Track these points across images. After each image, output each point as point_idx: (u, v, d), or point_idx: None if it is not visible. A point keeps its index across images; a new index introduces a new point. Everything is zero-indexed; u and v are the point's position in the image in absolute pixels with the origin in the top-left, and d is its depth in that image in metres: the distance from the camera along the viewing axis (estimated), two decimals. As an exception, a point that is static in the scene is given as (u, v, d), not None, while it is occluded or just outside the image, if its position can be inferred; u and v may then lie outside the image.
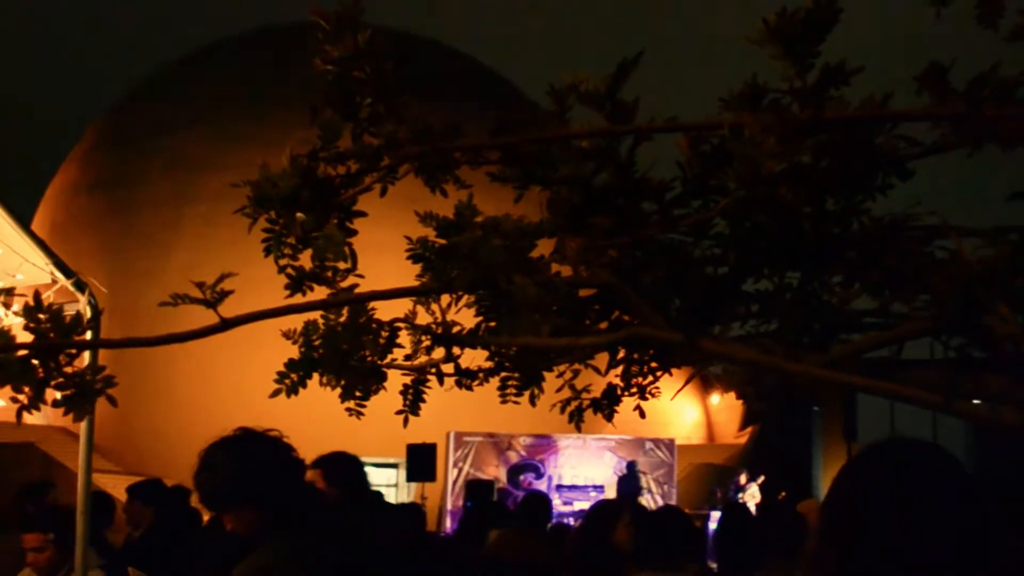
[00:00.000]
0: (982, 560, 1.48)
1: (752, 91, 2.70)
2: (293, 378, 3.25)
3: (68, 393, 2.26)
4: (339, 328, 3.18)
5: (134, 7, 52.18)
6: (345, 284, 2.81)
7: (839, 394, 20.75)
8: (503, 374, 3.07)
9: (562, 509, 16.86)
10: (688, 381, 3.37)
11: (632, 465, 17.53)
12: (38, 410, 2.27)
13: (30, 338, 2.40)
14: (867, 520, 1.54)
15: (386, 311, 3.21)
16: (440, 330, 2.81)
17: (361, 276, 2.76)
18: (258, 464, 3.10)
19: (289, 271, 2.91)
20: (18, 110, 47.58)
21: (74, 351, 2.24)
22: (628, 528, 5.21)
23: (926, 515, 1.50)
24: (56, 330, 2.21)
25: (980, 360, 2.26)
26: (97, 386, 2.26)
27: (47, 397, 2.37)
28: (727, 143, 2.65)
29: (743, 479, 17.32)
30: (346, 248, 2.80)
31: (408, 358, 3.27)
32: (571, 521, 14.81)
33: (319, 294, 3.04)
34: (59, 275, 5.94)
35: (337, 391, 3.30)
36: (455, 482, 17.77)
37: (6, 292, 2.63)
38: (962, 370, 2.20)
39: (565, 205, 2.93)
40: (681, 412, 24.57)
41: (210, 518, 4.14)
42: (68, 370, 2.24)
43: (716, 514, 14.32)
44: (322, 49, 2.81)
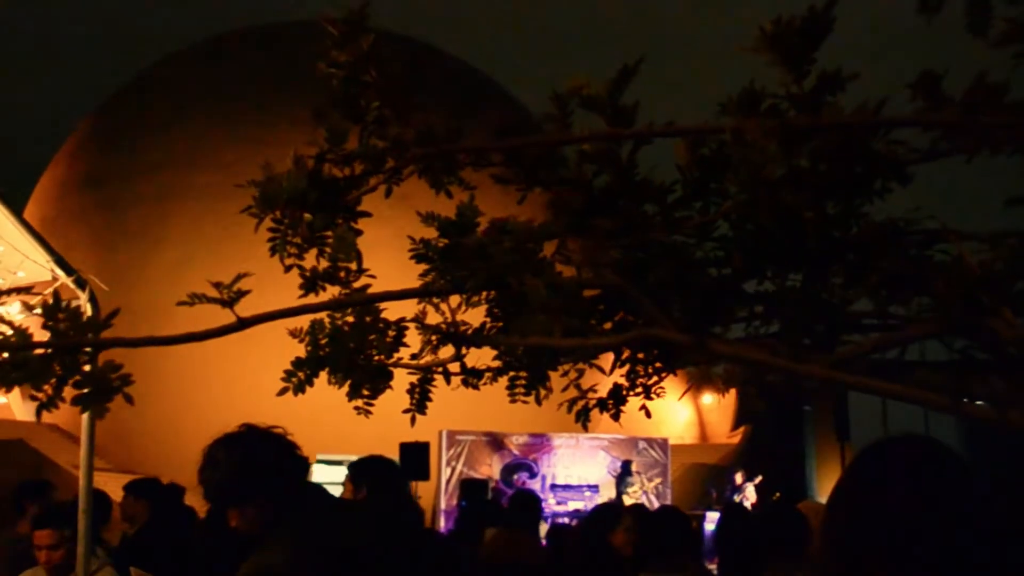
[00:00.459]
0: (988, 557, 1.49)
1: (750, 96, 2.75)
2: (300, 376, 3.29)
3: (84, 392, 2.29)
4: (346, 327, 3.22)
5: (121, 4, 51.98)
6: (358, 284, 2.85)
7: (831, 393, 20.76)
8: (511, 373, 3.11)
9: (556, 509, 16.80)
10: (695, 382, 3.41)
11: (627, 464, 17.52)
12: (56, 408, 2.31)
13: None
14: (871, 520, 1.55)
15: (392, 310, 3.24)
16: (451, 329, 2.84)
17: (373, 276, 2.80)
18: (261, 462, 3.14)
19: (298, 269, 2.94)
20: (4, 105, 47.47)
21: (90, 350, 2.27)
22: (628, 533, 5.25)
23: (930, 514, 1.50)
24: (74, 329, 2.24)
25: (984, 362, 2.30)
26: (115, 384, 2.30)
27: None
28: (729, 148, 2.69)
29: (739, 479, 17.30)
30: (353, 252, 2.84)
31: (414, 357, 3.31)
32: (566, 520, 14.83)
33: (323, 292, 3.08)
34: (59, 272, 5.96)
35: (342, 389, 3.34)
36: (448, 481, 17.71)
37: (12, 291, 2.65)
38: (967, 372, 2.24)
39: (568, 206, 2.98)
40: (673, 411, 24.57)
41: (206, 514, 4.15)
42: (86, 368, 2.27)
43: (712, 514, 14.34)
44: (328, 54, 2.85)
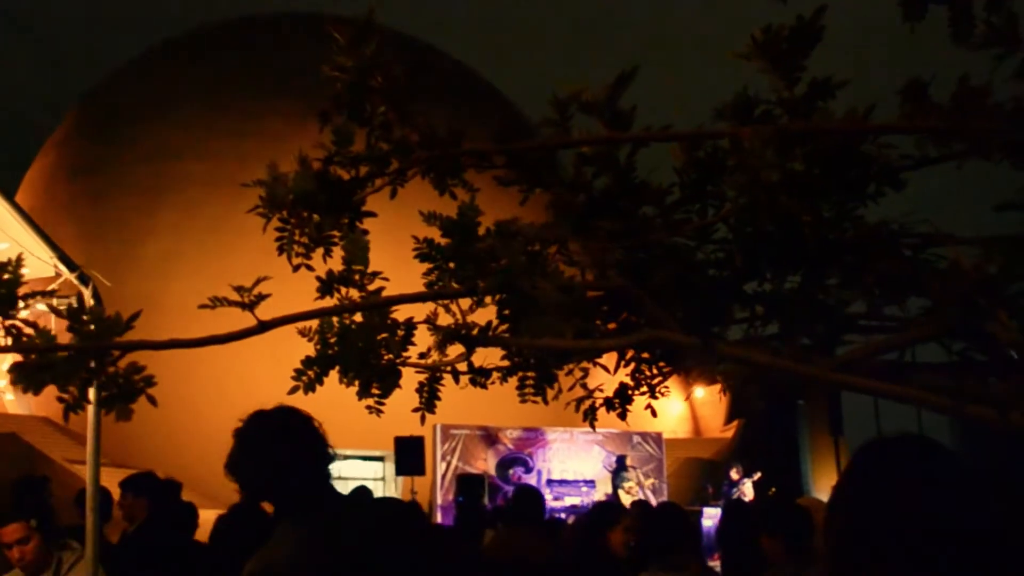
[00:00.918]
0: (988, 557, 1.50)
1: (744, 103, 2.82)
2: (310, 375, 3.35)
3: (108, 393, 2.34)
4: (354, 327, 3.28)
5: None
6: (372, 287, 2.91)
7: (824, 389, 20.84)
8: (520, 373, 3.18)
9: (553, 504, 16.75)
10: (698, 381, 3.48)
11: (622, 459, 17.54)
12: (83, 409, 2.36)
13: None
14: (871, 524, 1.55)
15: (401, 310, 3.30)
16: (463, 331, 2.91)
17: (387, 280, 2.86)
18: (270, 459, 3.18)
19: (307, 268, 3.01)
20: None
21: (117, 353, 2.33)
22: (626, 533, 5.28)
23: (930, 515, 1.51)
24: (100, 331, 2.30)
25: (983, 363, 2.36)
26: (139, 386, 2.35)
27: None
28: (727, 154, 2.77)
29: (735, 475, 17.26)
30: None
31: (422, 356, 3.37)
32: (563, 516, 14.86)
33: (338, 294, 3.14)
34: (62, 268, 6.01)
35: (342, 385, 3.40)
36: (444, 476, 17.70)
37: (35, 294, 2.71)
38: (967, 374, 2.31)
39: (569, 207, 3.05)
40: (666, 406, 24.62)
41: (230, 508, 4.19)
42: (111, 370, 2.33)
43: (709, 511, 14.36)
44: (334, 59, 2.90)
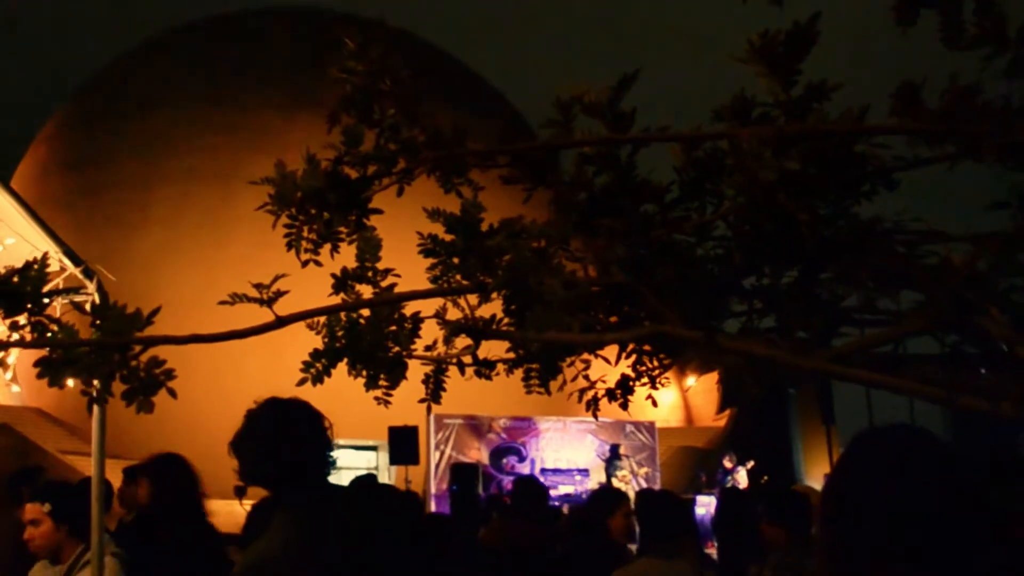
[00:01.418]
0: (978, 546, 1.52)
1: (742, 104, 2.91)
2: (318, 367, 3.44)
3: (130, 387, 2.41)
4: (362, 321, 3.36)
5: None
6: (385, 284, 2.99)
7: (818, 380, 20.98)
8: (526, 366, 3.26)
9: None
10: (699, 372, 3.57)
11: (615, 448, 17.67)
12: (105, 402, 2.44)
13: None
14: (864, 517, 1.58)
15: (408, 304, 3.39)
16: (470, 324, 2.99)
17: (399, 276, 2.95)
18: (268, 449, 3.23)
19: (315, 264, 3.09)
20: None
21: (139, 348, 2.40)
22: (626, 518, 5.39)
23: (922, 507, 1.54)
24: (122, 326, 2.37)
25: (975, 356, 2.45)
26: (160, 379, 2.43)
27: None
28: (725, 154, 2.85)
29: (728, 463, 17.38)
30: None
31: (428, 348, 3.45)
32: (556, 504, 14.97)
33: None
34: (67, 263, 6.07)
35: (352, 378, 3.48)
36: (438, 465, 17.82)
37: (56, 292, 2.77)
38: (960, 366, 2.39)
39: (571, 205, 3.13)
40: (659, 395, 24.62)
41: (261, 500, 4.24)
42: (132, 364, 2.40)
43: (703, 499, 14.49)
44: (343, 62, 2.98)
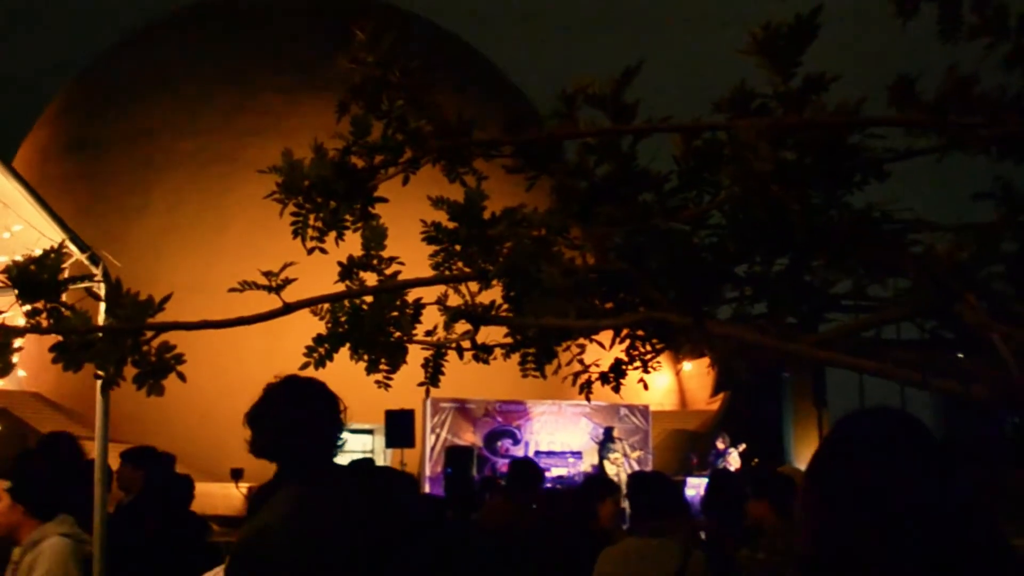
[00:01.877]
0: (954, 531, 1.53)
1: (742, 96, 3.00)
2: (321, 351, 3.53)
3: (141, 371, 2.50)
4: (364, 307, 3.46)
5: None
6: (389, 271, 3.08)
7: (806, 364, 21.13)
8: (523, 350, 3.36)
9: (540, 475, 16.94)
10: (689, 356, 3.66)
11: (608, 431, 17.77)
12: (117, 386, 2.53)
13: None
14: (843, 490, 1.59)
15: (410, 290, 3.48)
16: (470, 310, 3.08)
17: (402, 264, 3.04)
18: (272, 424, 3.31)
19: (320, 252, 3.18)
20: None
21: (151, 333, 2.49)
22: (615, 505, 5.50)
23: (900, 488, 1.55)
24: (135, 313, 2.46)
25: (951, 341, 2.55)
26: (171, 364, 2.52)
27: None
28: (724, 146, 2.95)
29: (721, 445, 17.49)
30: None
31: (428, 334, 3.55)
32: (549, 486, 15.10)
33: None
34: (73, 248, 6.11)
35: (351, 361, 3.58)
36: (433, 448, 17.90)
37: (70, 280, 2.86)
38: (936, 350, 2.50)
39: (572, 194, 3.22)
40: (653, 379, 24.69)
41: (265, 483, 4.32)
42: (144, 349, 2.49)
43: (692, 480, 14.63)
44: (355, 53, 3.06)
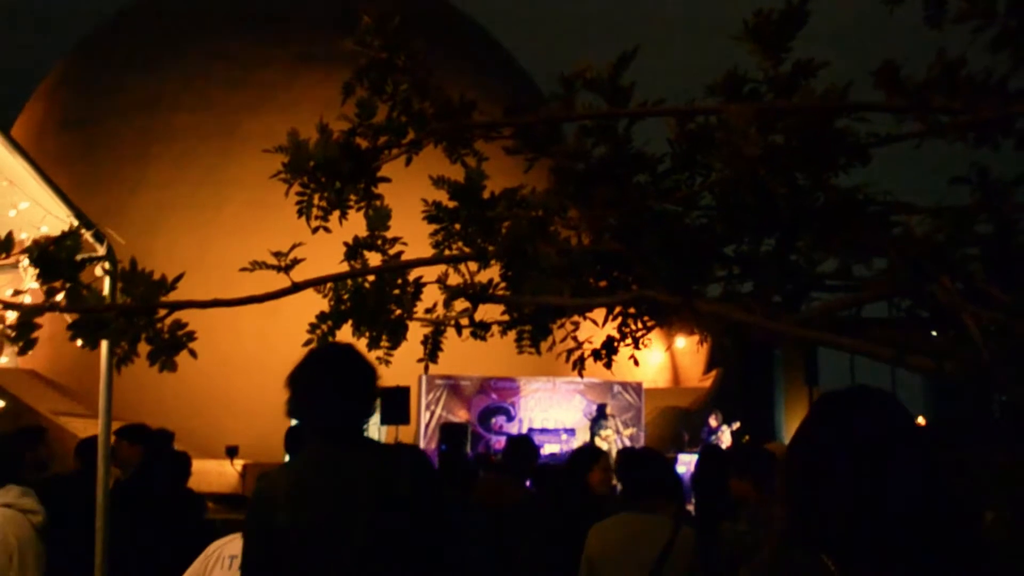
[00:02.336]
0: (929, 502, 1.61)
1: (733, 80, 3.11)
2: (323, 328, 3.65)
3: (155, 348, 2.61)
4: (367, 285, 3.57)
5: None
6: (392, 251, 3.19)
7: (786, 341, 21.26)
8: (519, 328, 3.48)
9: (534, 452, 17.07)
10: (679, 333, 3.78)
11: (602, 408, 17.91)
12: (131, 362, 2.63)
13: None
14: (822, 469, 1.67)
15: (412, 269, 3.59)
16: (470, 289, 3.20)
17: (405, 244, 3.15)
18: (301, 391, 3.34)
19: (324, 231, 3.29)
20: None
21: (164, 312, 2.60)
22: (604, 472, 5.67)
23: (877, 462, 1.63)
24: (148, 292, 2.56)
25: (926, 320, 2.67)
26: (183, 341, 2.62)
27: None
28: (714, 130, 3.06)
29: (714, 422, 17.61)
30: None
31: (428, 311, 3.67)
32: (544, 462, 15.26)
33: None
34: (76, 224, 6.17)
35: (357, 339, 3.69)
36: (428, 425, 18.01)
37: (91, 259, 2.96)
38: (912, 328, 2.62)
39: (569, 175, 3.34)
40: (646, 356, 24.83)
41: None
42: (158, 326, 2.60)
43: (684, 456, 14.79)
44: (361, 36, 3.16)
